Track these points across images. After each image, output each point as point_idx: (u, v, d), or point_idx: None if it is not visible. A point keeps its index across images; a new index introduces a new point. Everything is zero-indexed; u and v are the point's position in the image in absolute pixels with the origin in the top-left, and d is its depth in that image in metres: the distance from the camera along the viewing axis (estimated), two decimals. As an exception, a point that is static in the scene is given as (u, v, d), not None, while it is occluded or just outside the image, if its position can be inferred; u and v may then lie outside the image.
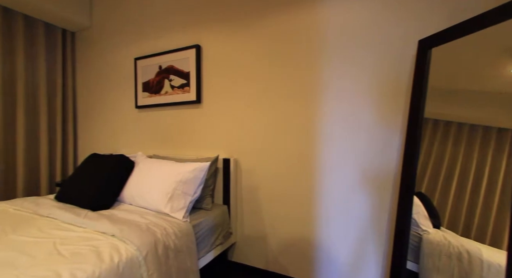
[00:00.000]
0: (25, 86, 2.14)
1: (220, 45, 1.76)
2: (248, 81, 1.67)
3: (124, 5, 2.19)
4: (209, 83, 1.81)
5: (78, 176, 1.57)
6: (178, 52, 1.86)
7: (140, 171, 1.58)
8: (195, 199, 1.43)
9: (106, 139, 2.37)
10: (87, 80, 2.48)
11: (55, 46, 2.35)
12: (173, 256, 1.11)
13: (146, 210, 1.42)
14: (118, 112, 2.28)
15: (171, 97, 1.92)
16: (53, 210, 1.33)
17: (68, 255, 0.90)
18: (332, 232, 1.44)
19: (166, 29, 1.98)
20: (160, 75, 1.97)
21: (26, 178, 2.16)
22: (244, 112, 1.69)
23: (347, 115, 1.40)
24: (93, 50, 2.41)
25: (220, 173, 1.72)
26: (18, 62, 2.10)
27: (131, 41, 2.16)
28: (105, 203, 1.42)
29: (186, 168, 1.44)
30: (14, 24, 2.08)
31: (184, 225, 1.26)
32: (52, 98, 2.34)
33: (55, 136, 2.37)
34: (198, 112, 1.85)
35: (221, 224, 1.56)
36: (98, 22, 2.36)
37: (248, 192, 1.70)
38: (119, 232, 1.06)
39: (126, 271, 0.92)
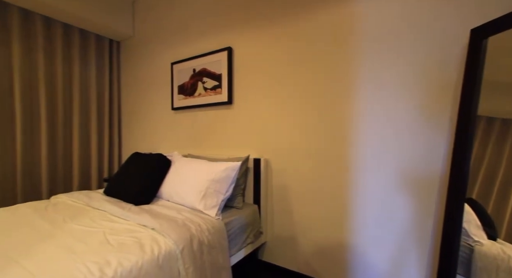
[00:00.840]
0: (80, 90, 2.41)
1: (250, 46, 1.78)
2: (278, 80, 1.67)
3: (161, 15, 2.34)
4: (240, 84, 1.84)
5: (123, 173, 1.72)
6: (210, 55, 1.93)
7: (176, 169, 1.67)
8: (227, 198, 1.48)
9: (145, 139, 2.56)
10: (130, 85, 2.70)
11: (103, 55, 2.60)
12: (206, 251, 1.15)
13: (182, 206, 1.49)
14: (156, 114, 2.44)
15: (204, 99, 2.00)
16: (102, 203, 1.48)
17: (116, 245, 0.99)
18: (368, 236, 1.37)
19: (199, 34, 2.06)
20: (194, 78, 2.06)
21: (80, 173, 2.43)
22: (275, 112, 1.69)
23: (384, 113, 1.31)
24: (135, 57, 2.62)
25: (250, 173, 1.74)
26: (75, 69, 2.37)
27: (168, 47, 2.29)
28: (146, 199, 1.54)
29: (218, 167, 1.49)
30: (72, 37, 2.35)
31: (216, 222, 1.30)
32: (101, 101, 2.60)
33: (103, 135, 2.62)
34: (230, 113, 1.90)
35: (251, 223, 1.58)
36: (139, 32, 2.55)
37: (278, 192, 1.70)
38: (158, 226, 1.14)
39: (165, 263, 0.98)
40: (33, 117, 2.14)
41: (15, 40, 2.00)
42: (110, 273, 0.82)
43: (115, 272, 0.83)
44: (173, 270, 1.00)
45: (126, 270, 0.85)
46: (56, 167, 2.28)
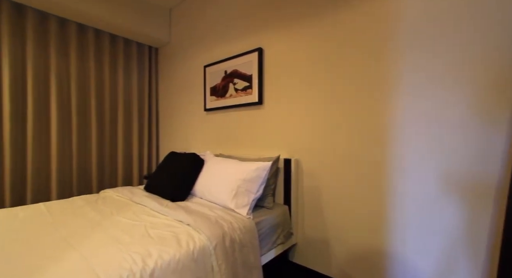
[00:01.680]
0: (123, 95, 2.64)
1: (280, 46, 1.78)
2: (310, 80, 1.63)
3: (195, 21, 2.45)
4: (270, 85, 1.84)
5: (161, 171, 1.84)
6: (241, 57, 1.97)
7: (208, 168, 1.73)
8: (257, 197, 1.49)
9: (180, 138, 2.70)
10: (166, 88, 2.87)
11: (143, 61, 2.81)
12: (238, 249, 1.18)
13: (214, 204, 1.55)
14: (190, 115, 2.56)
15: (235, 100, 2.04)
16: (143, 199, 1.60)
17: (156, 238, 1.06)
18: (411, 244, 1.27)
19: (231, 36, 2.11)
20: (225, 80, 2.11)
21: (123, 171, 2.66)
22: (306, 112, 1.66)
23: (430, 110, 1.20)
24: (171, 62, 2.78)
25: (281, 173, 1.73)
26: (119, 76, 2.60)
27: (201, 51, 2.39)
28: (181, 196, 1.62)
29: (249, 167, 1.51)
30: (117, 47, 2.59)
31: (247, 221, 1.32)
32: (141, 104, 2.81)
33: (143, 136, 2.83)
34: (260, 113, 1.91)
35: (282, 223, 1.57)
36: (175, 38, 2.70)
37: (309, 193, 1.66)
38: (193, 222, 1.19)
39: (199, 258, 1.02)
40: (86, 120, 2.39)
41: (73, 51, 2.27)
42: (151, 264, 0.88)
43: (155, 263, 0.89)
44: (207, 265, 1.04)
45: (165, 262, 0.91)
46: (104, 164, 2.53)
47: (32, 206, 1.51)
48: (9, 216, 1.32)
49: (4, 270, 0.80)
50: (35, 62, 2.06)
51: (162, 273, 0.88)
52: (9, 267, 0.82)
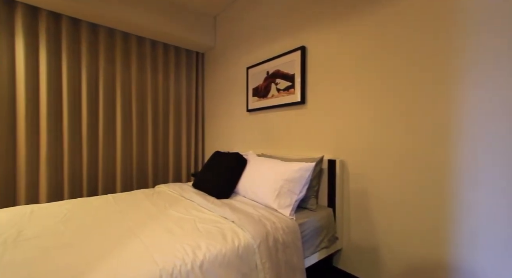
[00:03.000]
0: (174, 98, 2.88)
1: (325, 43, 1.71)
2: (357, 77, 1.54)
3: (238, 25, 2.53)
4: (313, 83, 1.79)
5: (207, 169, 1.95)
6: (284, 56, 1.96)
7: (251, 167, 1.77)
8: (300, 198, 1.46)
9: (223, 138, 2.82)
10: (211, 90, 3.03)
11: (191, 66, 3.02)
12: (281, 250, 1.17)
13: (257, 203, 1.57)
14: (233, 116, 2.65)
15: (277, 100, 2.05)
16: (192, 195, 1.71)
17: (204, 232, 1.13)
18: (483, 260, 1.10)
19: (273, 37, 2.13)
20: (267, 80, 2.13)
21: (174, 168, 2.90)
22: (352, 110, 1.57)
23: (505, 105, 1.02)
24: (215, 65, 2.93)
25: (324, 174, 1.67)
26: (171, 81, 2.85)
27: (244, 53, 2.46)
28: (226, 194, 1.70)
29: (292, 167, 1.50)
30: (169, 55, 2.84)
31: (290, 222, 1.31)
32: (189, 106, 3.02)
33: (190, 135, 3.04)
34: (303, 113, 1.88)
35: (326, 226, 1.52)
36: (219, 43, 2.84)
37: (356, 196, 1.56)
38: (237, 220, 1.23)
39: (244, 254, 1.05)
40: (143, 124, 2.68)
41: (133, 62, 2.57)
42: (201, 256, 0.94)
43: (204, 255, 0.95)
44: (251, 262, 1.06)
45: (213, 255, 0.96)
46: (158, 162, 2.79)
47: (103, 196, 1.76)
48: (86, 204, 1.56)
49: (84, 249, 0.95)
50: (105, 74, 2.39)
51: (210, 265, 0.94)
52: (87, 247, 0.97)
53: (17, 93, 1.99)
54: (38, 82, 2.08)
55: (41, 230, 1.13)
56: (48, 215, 1.34)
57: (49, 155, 2.10)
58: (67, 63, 2.18)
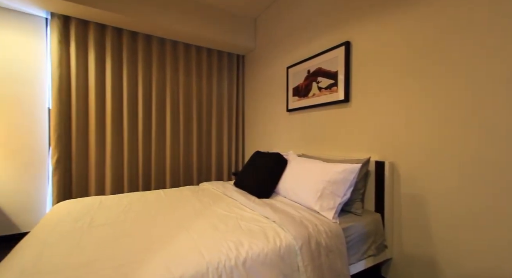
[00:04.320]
0: (216, 100, 3.02)
1: (371, 37, 1.60)
2: (410, 72, 1.40)
3: (278, 26, 2.53)
4: (359, 80, 1.69)
5: (248, 168, 1.99)
6: (326, 54, 1.89)
7: (292, 168, 1.75)
8: (344, 201, 1.39)
9: (263, 138, 2.85)
10: (251, 91, 3.09)
11: (232, 69, 3.13)
12: (324, 254, 1.14)
13: (298, 204, 1.55)
14: (273, 116, 2.66)
15: (318, 99, 1.99)
16: (233, 193, 1.77)
17: (246, 230, 1.16)
18: None
19: (314, 34, 2.07)
20: (308, 79, 2.09)
21: (216, 167, 3.04)
22: (403, 108, 1.43)
23: None
24: (256, 67, 2.98)
25: (371, 177, 1.56)
26: (213, 84, 3.00)
27: (284, 53, 2.45)
28: (266, 193, 1.71)
29: (335, 168, 1.43)
30: (213, 59, 2.99)
31: (334, 226, 1.26)
32: (230, 107, 3.13)
33: (231, 135, 3.15)
34: (346, 112, 1.79)
35: (373, 233, 1.42)
36: (259, 44, 2.88)
37: (408, 202, 1.42)
38: (279, 220, 1.23)
39: (285, 255, 1.05)
40: (189, 125, 2.87)
41: (181, 67, 2.77)
42: (243, 253, 0.97)
43: (247, 253, 0.97)
44: (293, 264, 1.05)
45: (255, 254, 0.98)
46: (202, 161, 2.96)
47: (155, 191, 1.94)
48: (142, 197, 1.74)
49: (141, 237, 1.06)
50: (157, 80, 2.63)
51: (253, 263, 0.96)
52: (144, 236, 1.08)
53: (89, 99, 2.32)
54: (105, 89, 2.39)
55: (108, 218, 1.30)
56: (112, 206, 1.53)
57: (113, 154, 2.40)
58: (127, 72, 2.46)
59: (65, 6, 2.03)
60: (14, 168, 2.19)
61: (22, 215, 2.23)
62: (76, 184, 2.27)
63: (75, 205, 1.51)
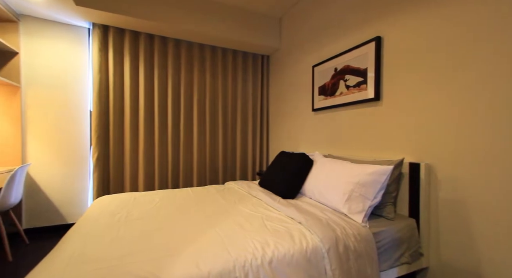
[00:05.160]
0: (241, 101, 3.06)
1: (406, 31, 1.51)
2: (446, 67, 1.29)
3: (303, 25, 2.49)
4: (391, 77, 1.60)
5: (273, 168, 1.99)
6: (354, 50, 1.82)
7: (318, 168, 1.71)
8: (374, 204, 1.33)
9: (288, 139, 2.82)
10: (276, 91, 3.08)
11: (257, 70, 3.15)
12: (353, 258, 1.09)
13: (324, 206, 1.51)
14: (298, 116, 2.63)
15: (345, 98, 1.92)
16: (258, 193, 1.78)
17: (271, 230, 1.16)
18: None
19: (341, 31, 2.00)
20: (335, 78, 2.02)
21: (241, 166, 3.08)
22: (448, 106, 1.32)
23: None
24: (280, 66, 2.96)
25: (404, 179, 1.47)
26: (238, 85, 3.04)
27: (310, 51, 2.40)
28: (291, 194, 1.69)
29: (365, 170, 1.37)
30: (237, 59, 3.04)
31: (363, 230, 1.21)
32: (254, 107, 3.16)
33: (256, 135, 3.16)
34: (376, 111, 1.70)
35: (407, 239, 1.33)
36: (284, 44, 2.86)
37: (448, 208, 1.31)
38: (305, 221, 1.22)
39: (312, 257, 1.03)
40: (215, 126, 2.95)
41: (208, 70, 2.86)
42: (269, 253, 0.97)
43: (273, 253, 0.97)
44: (319, 267, 1.03)
45: (281, 254, 0.98)
46: (227, 160, 3.02)
47: (184, 189, 2.02)
48: (171, 195, 1.83)
49: (171, 233, 1.11)
50: (185, 83, 2.74)
51: (279, 263, 0.95)
52: (174, 231, 1.13)
53: (124, 102, 2.49)
54: (138, 93, 2.55)
55: (142, 213, 1.38)
56: (145, 202, 1.62)
57: (145, 154, 2.55)
58: (157, 76, 2.60)
59: (105, 16, 2.20)
60: (62, 165, 2.44)
61: (68, 207, 2.46)
62: (113, 181, 2.45)
63: (112, 200, 1.64)
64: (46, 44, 2.36)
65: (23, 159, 2.29)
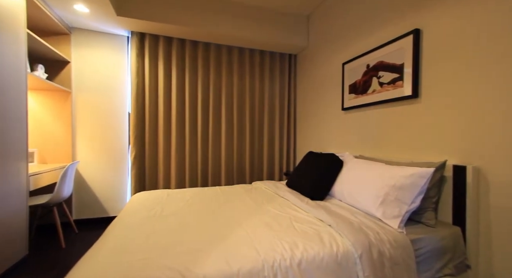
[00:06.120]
0: (268, 101, 3.06)
1: (447, 23, 1.38)
2: (500, 59, 1.15)
3: (332, 21, 2.42)
4: (431, 73, 1.48)
5: (301, 169, 1.96)
6: (389, 46, 1.71)
7: (348, 170, 1.65)
8: (412, 210, 1.24)
9: (316, 139, 2.75)
10: (303, 90, 3.03)
11: (284, 68, 3.13)
12: (389, 266, 1.03)
13: (356, 209, 1.45)
14: (326, 115, 2.55)
15: (379, 96, 1.82)
16: (286, 193, 1.77)
17: (300, 231, 1.14)
18: None
19: (374, 26, 1.90)
20: (367, 75, 1.93)
21: (268, 166, 3.08)
22: (493, 102, 1.18)
23: None
24: (308, 65, 2.91)
25: (448, 183, 1.34)
26: (265, 85, 3.05)
27: (339, 48, 2.32)
28: (320, 195, 1.65)
29: (401, 172, 1.29)
30: (264, 60, 3.05)
31: (400, 236, 1.13)
32: (281, 107, 3.14)
33: (283, 135, 3.14)
34: (414, 109, 1.58)
35: (451, 249, 1.21)
36: (312, 42, 2.80)
37: (503, 217, 1.17)
38: (335, 224, 1.17)
39: (343, 262, 0.99)
40: (242, 126, 2.99)
41: (235, 71, 2.91)
42: (298, 255, 0.95)
43: (302, 255, 0.95)
44: (351, 272, 0.99)
45: (310, 256, 0.96)
46: (254, 160, 3.04)
47: (212, 188, 2.08)
48: (201, 193, 1.90)
49: (202, 229, 1.15)
50: (214, 85, 2.83)
51: (308, 265, 0.93)
52: (204, 228, 1.17)
53: (158, 105, 2.65)
54: (170, 96, 2.69)
55: (175, 209, 1.46)
56: (177, 198, 1.71)
57: (176, 153, 2.68)
58: (188, 79, 2.72)
59: (142, 25, 2.37)
60: (105, 163, 2.67)
61: (110, 202, 2.69)
62: (148, 178, 2.62)
63: (148, 196, 1.75)
64: (92, 53, 2.60)
65: (73, 156, 2.56)
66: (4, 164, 1.55)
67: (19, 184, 1.70)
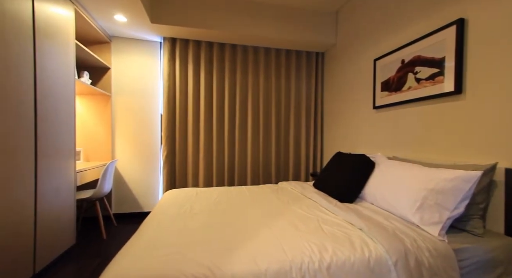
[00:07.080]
0: (294, 101, 3.02)
1: (497, 10, 1.24)
2: None
3: (362, 16, 2.31)
4: (478, 66, 1.34)
5: (329, 170, 1.90)
6: (426, 39, 1.59)
7: (381, 172, 1.56)
8: (454, 216, 1.13)
9: (344, 139, 2.65)
10: (331, 89, 2.93)
11: (311, 67, 3.06)
12: (427, 276, 0.95)
13: (389, 213, 1.36)
14: (356, 114, 2.44)
15: (415, 93, 1.69)
16: (313, 194, 1.73)
17: (329, 234, 1.11)
18: None
19: (409, 18, 1.78)
20: (402, 71, 1.81)
21: (294, 166, 3.04)
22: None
23: None
24: (336, 63, 2.81)
25: (498, 189, 1.21)
26: (292, 84, 3.01)
27: (370, 44, 2.21)
28: (350, 197, 1.59)
29: (442, 175, 1.18)
30: (290, 59, 3.02)
31: (440, 244, 1.04)
32: (308, 106, 3.07)
33: (309, 135, 3.08)
34: (456, 106, 1.44)
35: (503, 262, 1.09)
36: (341, 39, 2.70)
37: None
38: (366, 228, 1.12)
39: (376, 269, 0.94)
40: (267, 126, 2.99)
41: (261, 71, 2.92)
42: (328, 258, 0.92)
43: (331, 259, 0.92)
44: (385, 280, 0.93)
45: (340, 261, 0.92)
46: (279, 161, 3.02)
47: (239, 187, 2.11)
48: (228, 192, 1.93)
49: (229, 228, 1.18)
50: (240, 86, 2.87)
51: (338, 270, 0.90)
52: (231, 226, 1.19)
53: (188, 106, 2.76)
54: (199, 98, 2.79)
55: (203, 207, 1.51)
56: (205, 197, 1.76)
57: (204, 153, 2.77)
58: (216, 81, 2.80)
59: (173, 30, 2.50)
60: (140, 161, 2.85)
61: (145, 198, 2.87)
62: (178, 176, 2.74)
63: (179, 194, 1.83)
64: (129, 59, 2.80)
65: (112, 155, 2.78)
66: (57, 162, 1.74)
67: (69, 179, 1.89)
